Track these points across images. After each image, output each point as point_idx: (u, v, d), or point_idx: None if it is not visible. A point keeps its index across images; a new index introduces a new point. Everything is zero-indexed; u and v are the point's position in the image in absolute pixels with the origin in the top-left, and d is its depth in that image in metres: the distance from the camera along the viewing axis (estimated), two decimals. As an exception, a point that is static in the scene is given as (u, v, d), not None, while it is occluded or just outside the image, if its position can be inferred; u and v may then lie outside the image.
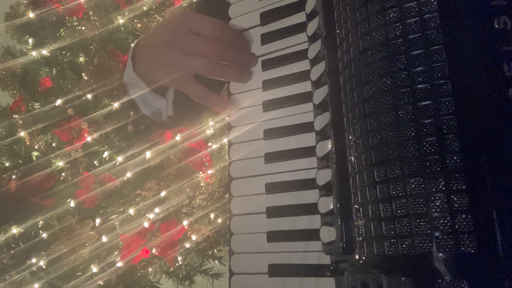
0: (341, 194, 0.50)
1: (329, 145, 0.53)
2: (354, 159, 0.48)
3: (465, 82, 0.41)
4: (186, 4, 2.09)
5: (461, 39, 0.42)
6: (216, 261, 2.23)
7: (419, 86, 0.42)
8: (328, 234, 0.52)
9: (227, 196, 0.68)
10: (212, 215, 2.14)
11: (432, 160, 0.41)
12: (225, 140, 2.23)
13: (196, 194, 2.08)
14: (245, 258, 0.65)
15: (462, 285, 0.38)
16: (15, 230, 1.83)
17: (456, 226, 0.39)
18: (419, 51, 0.42)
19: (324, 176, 0.54)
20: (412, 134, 0.42)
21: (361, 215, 0.47)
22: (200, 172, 2.09)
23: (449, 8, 0.42)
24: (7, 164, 1.96)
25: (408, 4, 0.43)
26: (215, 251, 2.24)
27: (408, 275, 0.41)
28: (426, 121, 0.41)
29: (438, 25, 0.42)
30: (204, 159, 2.10)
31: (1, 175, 1.89)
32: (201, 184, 2.09)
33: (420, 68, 0.42)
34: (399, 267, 0.42)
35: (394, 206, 0.42)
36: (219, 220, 2.15)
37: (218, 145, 2.17)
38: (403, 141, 0.42)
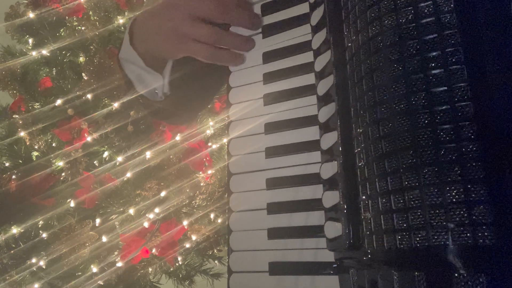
0: (348, 186, 0.48)
1: (334, 137, 0.51)
2: (362, 150, 0.47)
3: (481, 67, 0.39)
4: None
5: (476, 22, 0.40)
6: (216, 261, 2.23)
7: (433, 71, 0.40)
8: (334, 229, 0.50)
9: (226, 195, 0.66)
10: (212, 215, 2.14)
11: (447, 148, 0.39)
12: (225, 140, 2.23)
13: (196, 194, 2.08)
14: (244, 256, 0.62)
15: (481, 279, 0.36)
16: (15, 230, 1.83)
17: (473, 217, 0.37)
18: (432, 36, 0.41)
19: (329, 169, 0.52)
20: (426, 121, 0.40)
21: (370, 208, 0.45)
22: (200, 172, 2.09)
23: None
24: (7, 164, 1.95)
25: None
26: (215, 251, 2.23)
27: (421, 269, 0.39)
28: (441, 108, 0.39)
29: (452, 9, 0.41)
30: (204, 159, 2.10)
31: (1, 175, 1.89)
32: (201, 184, 2.09)
33: (434, 53, 0.40)
34: (411, 262, 0.40)
35: (406, 197, 0.40)
36: (219, 220, 2.15)
37: (218, 145, 2.17)
38: (416, 129, 0.40)
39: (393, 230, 0.41)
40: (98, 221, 1.91)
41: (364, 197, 0.46)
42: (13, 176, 1.88)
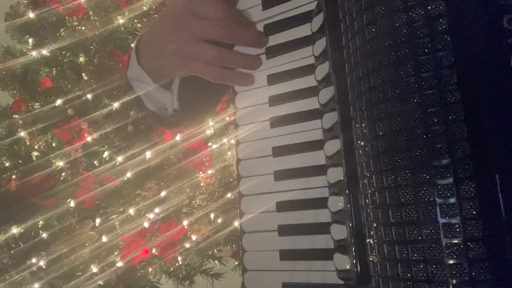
0: (355, 225, 0.50)
1: (340, 173, 0.52)
2: (367, 192, 0.47)
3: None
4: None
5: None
6: (216, 261, 2.23)
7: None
8: (342, 262, 0.51)
9: (238, 213, 0.68)
10: (212, 215, 2.14)
11: (447, 208, 0.40)
12: (225, 140, 2.23)
13: (196, 194, 2.09)
14: (258, 276, 0.64)
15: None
16: (15, 230, 1.83)
17: (473, 274, 0.38)
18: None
19: (337, 203, 0.53)
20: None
21: (376, 252, 0.46)
22: (200, 172, 2.09)
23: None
24: (7, 164, 1.96)
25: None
26: (215, 251, 2.24)
27: None
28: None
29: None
30: (204, 159, 2.10)
31: (1, 175, 1.89)
32: (201, 184, 2.09)
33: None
34: None
35: (410, 250, 0.41)
36: (219, 220, 2.15)
37: (218, 145, 2.17)
38: (417, 186, 0.41)
39: (397, 278, 0.43)
40: (98, 221, 1.91)
41: (370, 241, 0.47)
42: (13, 176, 1.88)
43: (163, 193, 1.95)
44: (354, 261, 0.49)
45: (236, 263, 2.29)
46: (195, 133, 2.06)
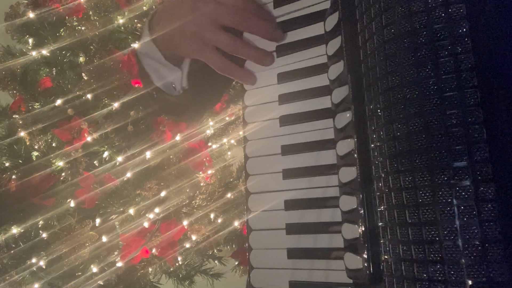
0: (368, 225, 0.49)
1: (353, 172, 0.52)
2: (382, 194, 0.47)
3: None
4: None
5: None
6: (216, 261, 2.23)
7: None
8: (354, 261, 0.51)
9: (245, 209, 0.67)
10: (212, 215, 2.14)
11: (465, 210, 0.40)
12: (225, 140, 2.23)
13: (196, 194, 2.09)
14: (265, 274, 0.64)
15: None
16: (15, 230, 1.83)
17: (491, 275, 0.39)
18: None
19: (349, 202, 0.53)
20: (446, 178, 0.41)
21: (390, 252, 0.46)
22: (200, 172, 2.09)
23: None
24: (7, 164, 1.95)
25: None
26: (215, 251, 2.24)
27: None
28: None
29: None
30: (204, 159, 2.10)
31: (1, 175, 1.88)
32: (201, 184, 2.09)
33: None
34: None
35: (427, 250, 0.42)
36: (219, 220, 2.16)
37: (218, 145, 2.18)
38: (437, 186, 0.41)
39: (413, 278, 0.42)
40: (98, 221, 1.91)
41: (385, 241, 0.47)
42: (13, 176, 1.87)
43: (163, 193, 1.95)
44: (367, 261, 0.49)
45: (236, 263, 2.29)
46: (195, 133, 2.07)
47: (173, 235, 1.99)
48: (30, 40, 2.10)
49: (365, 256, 0.49)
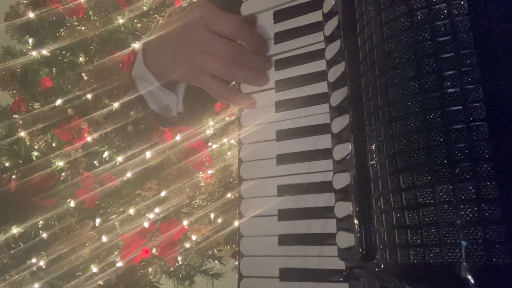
0: (361, 199, 0.48)
1: (347, 149, 0.51)
2: (376, 164, 0.46)
3: (496, 87, 0.40)
4: (186, 4, 2.09)
5: (493, 43, 0.41)
6: (216, 261, 2.23)
7: (449, 90, 0.40)
8: (346, 239, 0.50)
9: (237, 197, 0.66)
10: (212, 215, 2.14)
11: (462, 167, 0.39)
12: (225, 140, 2.23)
13: (196, 194, 2.09)
14: (255, 261, 0.63)
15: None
16: (15, 230, 1.83)
17: (487, 236, 0.37)
18: (448, 55, 0.41)
19: (342, 180, 0.52)
20: (441, 139, 0.40)
21: (383, 222, 0.45)
22: (200, 172, 2.09)
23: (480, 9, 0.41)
24: (7, 164, 1.95)
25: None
26: (215, 251, 2.24)
27: (434, 285, 0.40)
28: (456, 127, 0.39)
29: (469, 29, 0.41)
30: (204, 159, 2.10)
31: (1, 175, 1.88)
32: (201, 184, 2.09)
33: (450, 72, 0.41)
34: (424, 277, 0.40)
35: (421, 214, 0.40)
36: (219, 220, 2.16)
37: (218, 145, 2.17)
38: (431, 147, 0.41)
39: (406, 245, 0.41)
40: (98, 221, 1.91)
41: (378, 210, 0.46)
42: (13, 176, 1.88)
43: (163, 193, 1.95)
44: (359, 234, 0.47)
45: (236, 263, 2.29)
46: (195, 133, 2.07)
47: (173, 235, 1.99)
48: (30, 40, 2.11)
49: (357, 228, 0.48)
